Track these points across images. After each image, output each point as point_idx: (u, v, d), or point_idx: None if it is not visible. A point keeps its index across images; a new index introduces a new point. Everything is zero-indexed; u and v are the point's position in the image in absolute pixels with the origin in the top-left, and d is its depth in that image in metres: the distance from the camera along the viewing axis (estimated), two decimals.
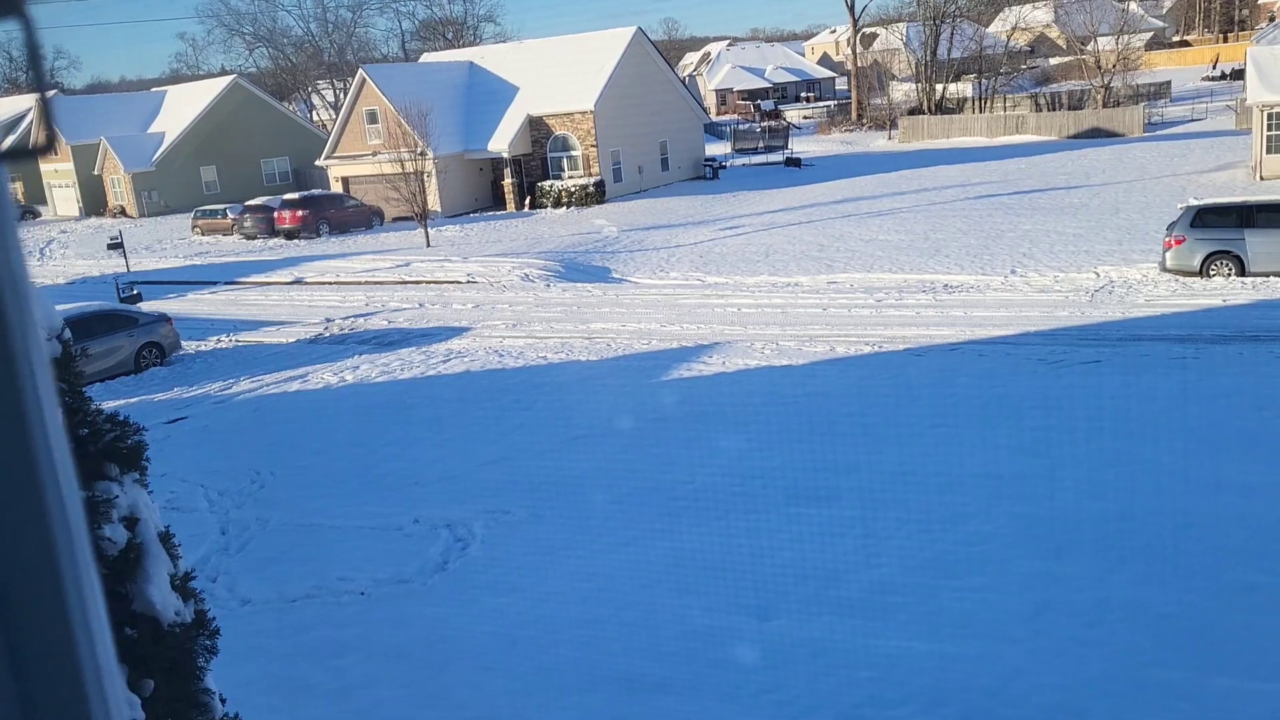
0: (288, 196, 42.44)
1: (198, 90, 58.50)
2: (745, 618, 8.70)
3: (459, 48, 67.17)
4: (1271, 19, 74.18)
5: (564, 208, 41.59)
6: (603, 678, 7.98)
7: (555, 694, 7.85)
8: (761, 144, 54.85)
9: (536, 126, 43.35)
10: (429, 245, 34.78)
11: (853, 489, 11.32)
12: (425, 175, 37.27)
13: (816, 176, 45.00)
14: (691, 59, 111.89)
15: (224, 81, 57.62)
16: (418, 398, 17.10)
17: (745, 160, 53.08)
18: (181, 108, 56.56)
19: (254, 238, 41.86)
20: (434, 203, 40.59)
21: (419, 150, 36.81)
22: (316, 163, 47.49)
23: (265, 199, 44.69)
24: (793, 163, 49.46)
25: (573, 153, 43.01)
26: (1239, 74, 55.15)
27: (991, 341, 17.37)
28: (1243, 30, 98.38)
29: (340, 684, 8.28)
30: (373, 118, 43.21)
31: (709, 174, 47.55)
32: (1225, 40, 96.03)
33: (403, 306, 25.50)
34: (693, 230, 33.45)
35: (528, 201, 42.86)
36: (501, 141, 42.66)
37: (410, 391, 17.56)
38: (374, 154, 41.85)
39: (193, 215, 46.42)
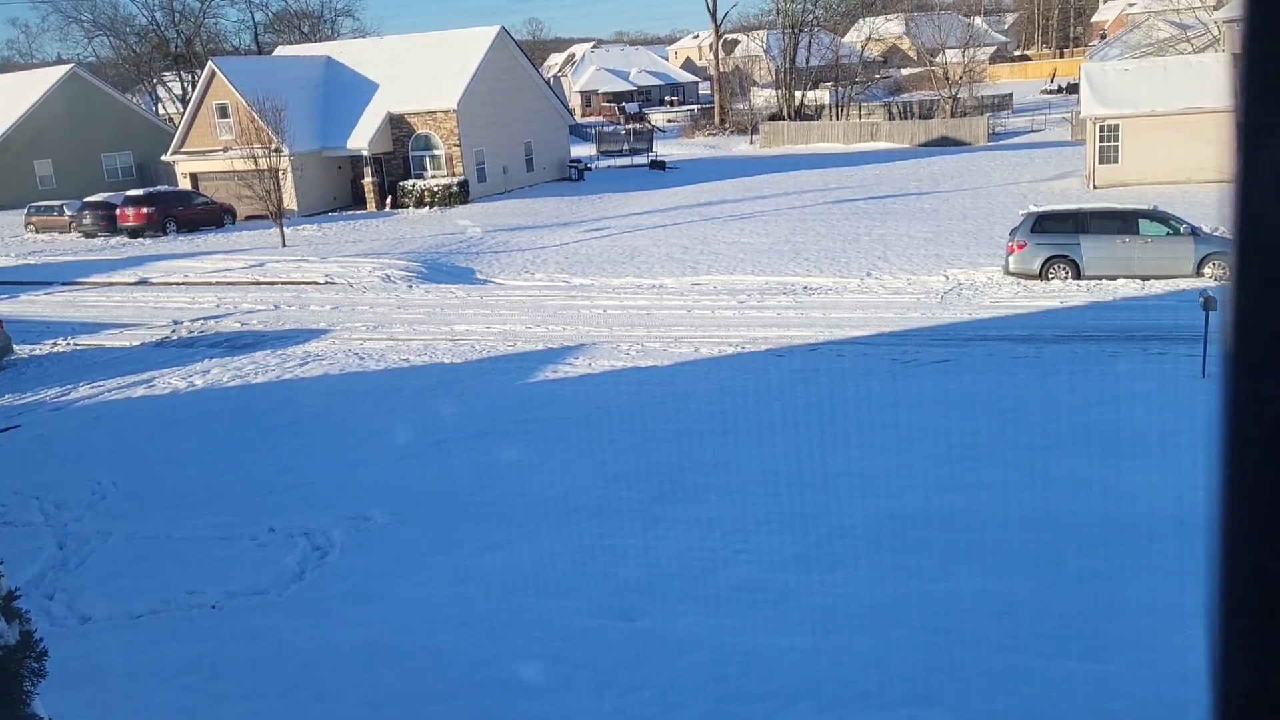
0: (131, 193, 40.40)
1: (31, 79, 55.03)
2: (611, 619, 8.70)
3: (315, 42, 65.25)
4: (1103, 37, 78.80)
5: (427, 208, 40.91)
6: (470, 684, 7.86)
7: (421, 702, 7.68)
8: (626, 146, 55.21)
9: (398, 125, 42.51)
10: (285, 245, 33.67)
11: (716, 488, 11.48)
12: (280, 172, 36.07)
13: (681, 179, 45.52)
14: (556, 60, 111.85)
15: (60, 71, 54.44)
16: (273, 403, 16.51)
17: (610, 162, 53.30)
18: (12, 98, 53.08)
19: (94, 236, 39.71)
20: (290, 201, 39.33)
21: (273, 146, 35.61)
22: (163, 158, 45.38)
23: (107, 195, 42.43)
24: (657, 165, 49.92)
25: (435, 152, 42.34)
26: (1074, 88, 58.40)
27: (849, 342, 17.90)
28: (1078, 46, 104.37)
29: (187, 702, 7.90)
30: (223, 112, 41.58)
31: (574, 175, 47.55)
32: (1062, 56, 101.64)
33: (257, 308, 24.59)
34: (558, 231, 33.36)
35: (389, 201, 41.98)
36: (361, 139, 41.66)
37: (265, 396, 16.94)
38: (225, 150, 40.26)
39: (26, 212, 43.68)
